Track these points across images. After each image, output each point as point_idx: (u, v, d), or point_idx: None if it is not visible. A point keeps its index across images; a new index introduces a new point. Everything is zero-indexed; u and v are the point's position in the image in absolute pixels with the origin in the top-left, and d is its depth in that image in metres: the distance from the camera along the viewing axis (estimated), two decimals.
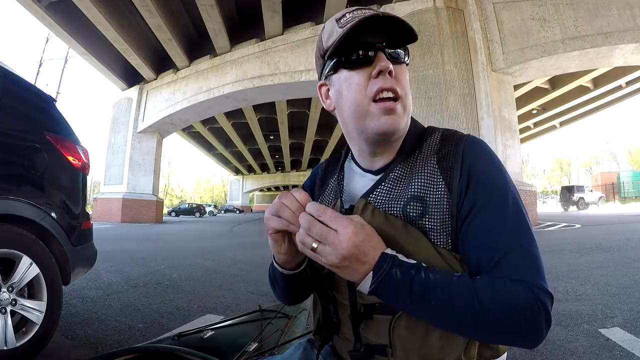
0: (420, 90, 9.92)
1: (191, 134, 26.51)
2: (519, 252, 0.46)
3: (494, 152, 0.53)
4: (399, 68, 0.53)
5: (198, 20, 12.74)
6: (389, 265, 0.43)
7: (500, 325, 0.43)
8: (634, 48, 9.04)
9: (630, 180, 27.02)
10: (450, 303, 0.43)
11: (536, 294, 0.43)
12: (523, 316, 0.42)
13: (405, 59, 0.55)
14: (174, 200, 58.35)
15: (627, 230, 7.66)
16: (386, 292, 0.44)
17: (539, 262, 0.47)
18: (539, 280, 0.45)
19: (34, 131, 1.79)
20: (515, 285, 0.44)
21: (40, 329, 1.56)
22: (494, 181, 0.50)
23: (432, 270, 0.45)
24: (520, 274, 0.45)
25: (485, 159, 0.51)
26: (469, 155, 0.51)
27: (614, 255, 4.39)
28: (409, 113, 0.54)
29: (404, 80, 0.53)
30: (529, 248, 0.47)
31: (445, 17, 9.96)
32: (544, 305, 0.43)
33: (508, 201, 0.49)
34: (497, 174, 0.51)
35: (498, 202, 0.49)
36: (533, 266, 0.46)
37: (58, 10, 12.09)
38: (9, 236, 1.53)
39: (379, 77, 0.51)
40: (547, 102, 18.55)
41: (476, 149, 0.52)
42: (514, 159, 9.96)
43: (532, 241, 0.48)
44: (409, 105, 0.53)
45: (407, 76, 0.55)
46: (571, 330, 1.95)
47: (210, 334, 0.91)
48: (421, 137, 0.56)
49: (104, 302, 2.62)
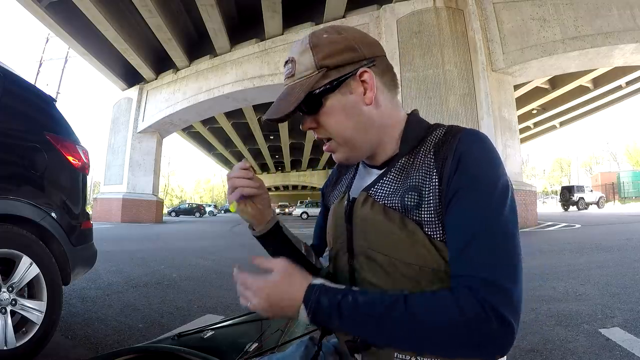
0: (420, 90, 9.92)
1: (191, 134, 26.51)
2: (484, 244, 0.44)
3: (491, 146, 0.50)
4: (320, 114, 0.54)
5: (198, 20, 12.74)
6: (316, 295, 0.47)
7: (445, 340, 0.42)
8: (634, 48, 9.04)
9: (630, 180, 27.02)
10: (381, 323, 0.44)
11: (482, 297, 0.41)
12: (466, 326, 0.41)
13: (318, 107, 0.54)
14: (174, 200, 58.33)
15: (627, 230, 7.66)
16: (322, 319, 0.47)
17: (505, 257, 0.44)
18: (495, 275, 0.43)
19: (34, 131, 1.78)
20: (458, 293, 0.43)
21: (40, 329, 1.56)
22: (481, 171, 0.48)
23: (362, 292, 0.47)
24: (476, 268, 0.43)
25: (478, 150, 0.49)
26: (462, 146, 0.49)
27: (614, 255, 4.39)
28: (351, 139, 0.54)
29: (325, 121, 0.54)
30: (496, 240, 0.45)
31: (445, 17, 9.96)
32: (494, 309, 0.41)
33: (491, 194, 0.46)
34: (487, 165, 0.48)
35: (479, 193, 0.47)
36: (495, 260, 0.44)
37: (58, 10, 12.09)
38: (9, 236, 1.53)
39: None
40: (547, 102, 18.56)
41: (471, 140, 0.50)
42: (514, 159, 9.96)
43: (506, 236, 0.45)
44: (344, 134, 0.54)
45: (334, 108, 0.53)
46: (571, 330, 1.95)
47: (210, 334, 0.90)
48: (425, 132, 0.56)
49: (104, 302, 2.62)
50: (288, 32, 12.49)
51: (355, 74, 0.52)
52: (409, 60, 10.13)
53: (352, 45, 0.52)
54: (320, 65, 0.52)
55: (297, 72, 0.53)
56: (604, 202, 23.75)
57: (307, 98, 0.52)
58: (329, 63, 0.52)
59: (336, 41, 0.52)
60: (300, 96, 0.51)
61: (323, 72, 0.52)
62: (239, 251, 6.21)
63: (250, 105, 16.23)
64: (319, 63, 0.52)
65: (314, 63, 0.52)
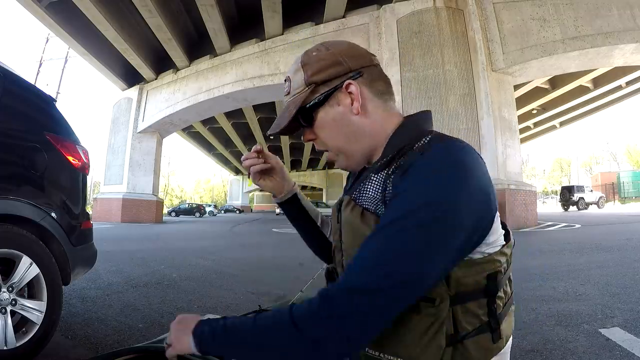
0: (420, 90, 9.92)
1: (191, 134, 26.52)
2: (359, 258, 0.46)
3: (449, 166, 0.46)
4: (315, 126, 0.59)
5: (198, 20, 12.74)
6: (201, 326, 0.52)
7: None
8: (634, 48, 9.04)
9: (630, 180, 27.02)
10: (243, 338, 0.48)
11: (319, 298, 0.45)
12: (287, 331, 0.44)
13: (312, 120, 0.58)
14: (174, 200, 58.32)
15: (627, 230, 7.66)
16: (206, 345, 0.51)
17: (364, 262, 0.45)
18: (343, 280, 0.45)
19: (34, 131, 1.78)
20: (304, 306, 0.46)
21: (40, 329, 1.56)
22: (410, 187, 0.46)
23: (235, 318, 0.52)
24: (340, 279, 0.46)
25: (425, 167, 0.47)
26: (417, 159, 0.48)
27: (614, 255, 4.39)
28: (343, 148, 0.58)
29: (322, 133, 0.59)
30: (367, 252, 0.45)
31: (445, 17, 9.96)
32: (322, 307, 0.44)
33: (403, 212, 0.45)
34: (420, 184, 0.46)
35: (392, 210, 0.47)
36: (353, 268, 0.45)
37: (58, 10, 12.09)
38: (9, 236, 1.53)
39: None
40: (547, 102, 18.56)
41: (430, 156, 0.48)
42: (514, 159, 9.96)
43: (387, 246, 0.44)
44: (337, 144, 0.58)
45: (325, 120, 0.57)
46: (571, 330, 1.95)
47: None
48: (410, 140, 0.53)
49: (104, 302, 2.62)
50: (288, 32, 12.49)
51: (341, 87, 0.55)
52: (409, 60, 10.13)
53: (338, 59, 0.56)
54: (309, 82, 0.56)
55: (292, 89, 0.58)
56: (604, 202, 23.74)
57: (301, 113, 0.57)
58: (316, 79, 0.56)
59: (323, 58, 0.56)
60: (292, 111, 0.57)
61: (312, 87, 0.56)
62: (239, 251, 6.21)
63: (250, 105, 16.23)
64: (308, 80, 0.56)
65: (303, 80, 0.56)
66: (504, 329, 0.52)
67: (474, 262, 0.49)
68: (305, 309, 0.45)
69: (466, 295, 0.49)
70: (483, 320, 0.49)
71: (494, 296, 0.50)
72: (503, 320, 0.52)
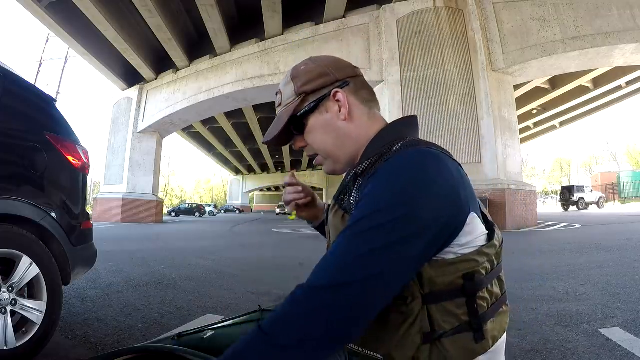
0: (420, 90, 9.93)
1: (191, 134, 26.52)
2: (322, 259, 0.47)
3: (409, 172, 0.48)
4: (305, 133, 0.63)
5: (198, 20, 12.74)
6: None
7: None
8: (634, 48, 9.04)
9: (630, 180, 27.02)
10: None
11: (285, 302, 0.46)
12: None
13: (303, 127, 0.62)
14: (174, 200, 58.32)
15: (627, 230, 7.66)
16: None
17: (327, 262, 0.46)
18: (307, 280, 0.46)
19: (34, 131, 1.78)
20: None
21: (40, 329, 1.56)
22: (372, 192, 0.49)
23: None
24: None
25: (386, 173, 0.49)
26: (383, 165, 0.51)
27: (614, 255, 4.39)
28: (331, 152, 0.62)
29: (312, 138, 0.63)
30: (330, 253, 0.47)
31: (445, 17, 9.96)
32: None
33: (363, 214, 0.47)
34: (381, 188, 0.48)
35: (358, 210, 0.49)
36: (317, 267, 0.46)
37: (58, 10, 12.09)
38: (9, 236, 1.53)
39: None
40: (547, 102, 18.56)
41: (393, 163, 0.50)
42: (514, 159, 9.96)
43: (348, 248, 0.45)
44: (325, 148, 0.62)
45: (315, 126, 0.61)
46: (571, 330, 1.95)
47: (210, 334, 0.90)
48: (384, 148, 0.55)
49: (104, 302, 2.62)
50: (288, 32, 12.49)
51: (329, 95, 0.60)
52: (409, 60, 10.13)
53: (325, 71, 0.61)
54: (299, 92, 0.61)
55: (283, 100, 0.63)
56: (604, 202, 23.74)
57: (292, 121, 0.61)
58: (306, 89, 0.60)
59: (311, 70, 0.61)
60: (284, 119, 0.61)
61: (302, 97, 0.61)
62: (239, 251, 6.21)
63: (250, 105, 16.23)
64: (298, 90, 0.61)
65: (294, 91, 0.61)
66: (490, 329, 0.52)
67: (447, 262, 0.50)
68: (271, 316, 0.46)
69: (441, 294, 0.50)
70: (463, 320, 0.50)
71: (473, 296, 0.51)
72: (489, 321, 0.52)
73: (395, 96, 10.07)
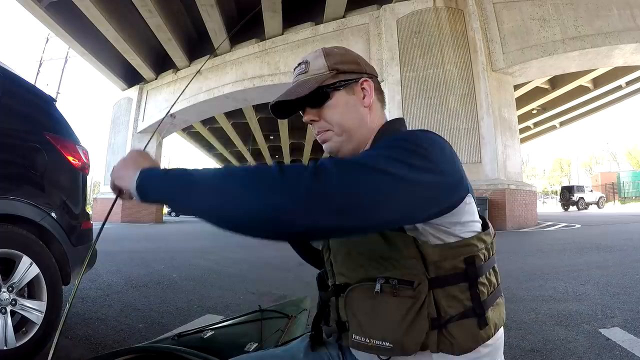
0: (420, 90, 9.92)
1: (191, 134, 26.50)
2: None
3: (424, 133, 0.52)
4: (324, 106, 0.63)
5: (198, 20, 12.73)
6: (150, 170, 0.53)
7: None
8: (634, 48, 9.04)
9: (630, 180, 27.03)
10: (188, 180, 0.48)
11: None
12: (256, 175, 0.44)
13: (324, 100, 0.63)
14: None
15: (627, 230, 7.66)
16: (146, 187, 0.52)
17: (349, 167, 0.45)
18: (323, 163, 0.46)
19: (34, 131, 1.78)
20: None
21: (40, 329, 1.56)
22: (386, 142, 0.52)
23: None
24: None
25: (393, 137, 0.53)
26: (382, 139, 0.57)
27: (614, 255, 4.39)
28: (349, 129, 0.63)
29: (329, 113, 0.63)
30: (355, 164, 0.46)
31: (445, 17, 9.96)
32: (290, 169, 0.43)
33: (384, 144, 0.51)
34: (397, 139, 0.51)
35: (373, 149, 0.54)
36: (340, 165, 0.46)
37: (58, 10, 12.09)
38: (9, 236, 1.53)
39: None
40: (547, 102, 18.55)
41: (401, 132, 0.58)
42: (514, 159, 9.96)
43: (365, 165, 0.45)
44: (344, 124, 0.63)
45: (339, 102, 0.63)
46: (571, 330, 1.95)
47: (210, 334, 0.91)
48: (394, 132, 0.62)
49: (104, 302, 2.62)
50: (288, 32, 12.49)
51: (358, 81, 0.64)
52: (409, 60, 10.13)
53: (357, 60, 0.65)
54: (332, 67, 0.63)
55: (311, 70, 0.64)
56: (604, 202, 23.75)
57: (317, 90, 0.62)
58: (339, 67, 0.63)
59: (345, 54, 0.65)
60: (313, 86, 0.61)
61: (334, 73, 0.62)
62: (239, 251, 6.21)
63: (250, 105, 16.21)
64: (332, 65, 0.63)
65: (326, 65, 0.63)
66: (491, 317, 0.54)
67: (450, 245, 0.53)
68: (296, 165, 0.45)
69: (446, 278, 0.53)
70: (467, 305, 0.53)
71: (475, 281, 0.54)
72: (489, 308, 0.55)
73: (396, 96, 10.06)
